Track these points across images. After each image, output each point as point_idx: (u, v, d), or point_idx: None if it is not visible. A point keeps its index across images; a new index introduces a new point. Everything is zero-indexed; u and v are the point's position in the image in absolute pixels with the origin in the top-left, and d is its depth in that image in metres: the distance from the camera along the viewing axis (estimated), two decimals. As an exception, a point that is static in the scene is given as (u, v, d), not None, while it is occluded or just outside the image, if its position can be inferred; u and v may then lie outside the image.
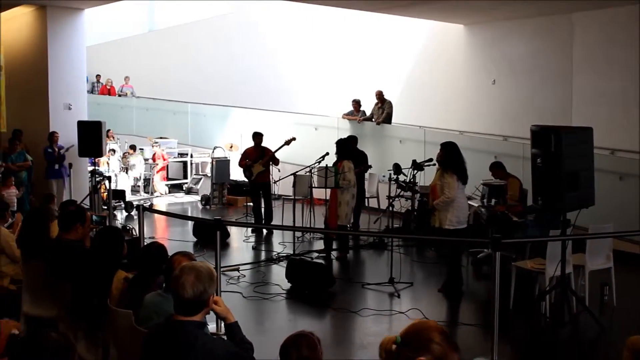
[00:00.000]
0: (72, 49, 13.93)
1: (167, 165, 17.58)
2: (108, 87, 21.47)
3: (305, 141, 15.05)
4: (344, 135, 12.53)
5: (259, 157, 12.31)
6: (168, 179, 17.63)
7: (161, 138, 18.49)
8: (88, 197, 11.72)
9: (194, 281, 3.33)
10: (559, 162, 6.53)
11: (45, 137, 13.38)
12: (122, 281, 4.85)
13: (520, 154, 11.63)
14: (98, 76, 21.48)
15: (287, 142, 12.44)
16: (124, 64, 23.35)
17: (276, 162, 12.44)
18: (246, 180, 13.04)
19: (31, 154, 13.47)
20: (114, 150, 16.32)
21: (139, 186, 16.73)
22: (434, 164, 9.66)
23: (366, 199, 12.83)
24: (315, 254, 10.22)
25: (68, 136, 13.27)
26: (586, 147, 6.87)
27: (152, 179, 16.93)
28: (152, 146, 17.43)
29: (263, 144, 12.53)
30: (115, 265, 5.01)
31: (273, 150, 12.35)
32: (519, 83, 14.80)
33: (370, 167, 12.33)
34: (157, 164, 17.09)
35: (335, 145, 10.31)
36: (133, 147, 16.96)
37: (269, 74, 20.19)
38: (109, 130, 16.69)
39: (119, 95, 21.23)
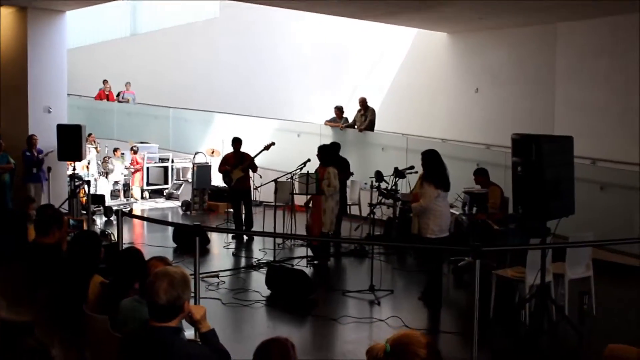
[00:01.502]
0: (52, 51, 13.85)
1: (148, 170, 17.49)
2: (106, 92, 20.90)
3: (288, 147, 15.04)
4: (327, 141, 12.53)
5: (238, 162, 12.31)
6: (148, 184, 17.54)
7: (142, 143, 18.41)
8: (67, 201, 11.64)
9: (167, 287, 3.31)
10: (540, 171, 6.57)
11: (24, 140, 13.26)
12: (98, 286, 4.81)
13: (502, 162, 11.69)
14: (105, 81, 20.89)
15: (267, 147, 12.44)
16: (105, 67, 23.24)
17: (254, 168, 12.43)
18: (225, 185, 13.03)
19: (13, 158, 13.30)
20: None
21: (118, 190, 16.63)
22: (416, 172, 9.70)
23: (348, 206, 12.85)
24: (297, 261, 10.22)
25: (47, 139, 13.16)
26: (567, 156, 6.93)
27: (129, 183, 16.85)
28: (132, 151, 17.31)
29: (243, 150, 12.53)
30: (92, 270, 4.97)
31: (252, 156, 12.34)
32: (501, 92, 14.92)
33: (352, 174, 12.36)
34: (134, 169, 16.99)
35: (317, 151, 10.33)
36: (115, 150, 16.86)
37: (252, 80, 20.18)
38: (90, 134, 16.61)
39: (119, 102, 20.75)
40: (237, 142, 12.53)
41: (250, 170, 12.43)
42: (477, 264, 5.61)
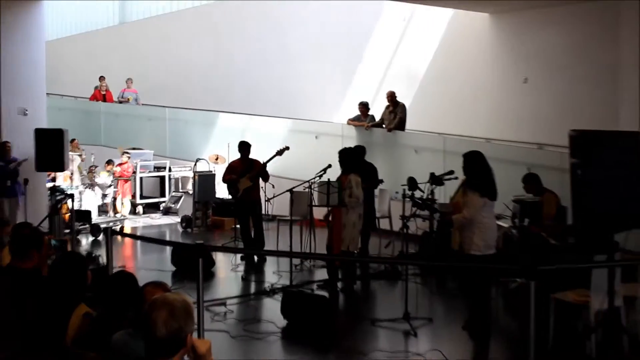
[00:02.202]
0: (29, 44, 13.95)
1: (142, 180, 17.55)
2: (103, 92, 20.98)
3: (304, 151, 15.05)
4: (350, 144, 12.51)
5: (246, 170, 12.28)
6: (142, 196, 17.61)
7: (134, 149, 18.50)
8: (47, 218, 11.68)
9: (167, 317, 3.27)
10: (604, 174, 6.48)
11: None
12: (81, 317, 4.79)
13: (557, 164, 11.60)
14: (102, 78, 21.08)
15: (279, 153, 12.41)
16: (90, 61, 23.45)
17: (266, 177, 12.42)
18: (231, 197, 13.03)
19: None
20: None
21: (107, 205, 16.70)
22: (456, 177, 9.63)
23: (376, 220, 12.78)
24: (316, 285, 10.17)
25: (23, 147, 13.23)
26: (635, 156, 6.83)
27: (117, 196, 16.90)
28: (122, 157, 17.35)
29: (251, 156, 12.51)
30: (77, 299, 4.95)
31: (263, 162, 12.32)
32: (555, 81, 14.79)
33: (380, 181, 12.29)
34: (122, 179, 16.97)
35: (338, 156, 10.29)
36: (109, 162, 16.94)
37: (261, 73, 20.23)
38: (73, 140, 16.69)
39: (120, 102, 20.84)
40: (244, 146, 12.53)
41: (260, 180, 12.41)
42: (531, 286, 5.54)
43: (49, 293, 5.08)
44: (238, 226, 12.75)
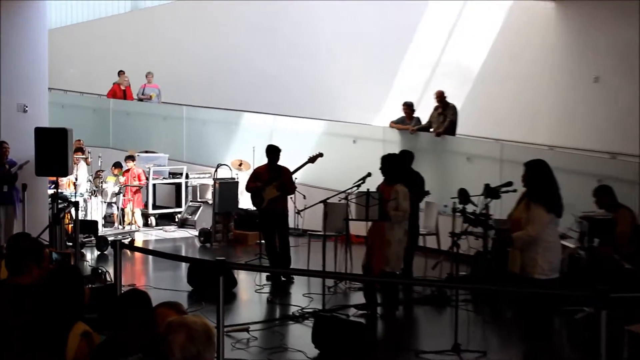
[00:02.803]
0: (30, 35, 13.99)
1: (155, 188, 17.63)
2: (123, 88, 20.97)
3: (340, 158, 15.05)
4: (393, 149, 12.46)
5: (272, 178, 12.23)
6: (155, 206, 17.68)
7: (147, 152, 18.59)
8: (48, 229, 11.75)
9: (185, 342, 3.28)
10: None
11: None
12: (79, 338, 4.79)
13: (633, 176, 11.48)
14: (121, 72, 21.07)
15: (312, 160, 12.37)
16: (97, 52, 23.58)
17: (290, 189, 12.34)
18: (255, 208, 13.01)
19: None
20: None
21: (114, 215, 16.69)
22: (514, 190, 9.54)
23: (421, 237, 12.72)
24: (353, 310, 10.13)
25: (22, 148, 13.29)
26: None
27: (126, 205, 16.90)
28: (127, 161, 17.31)
29: (280, 162, 12.47)
30: (73, 316, 4.96)
31: (292, 170, 12.28)
32: (630, 81, 14.63)
33: (427, 193, 12.23)
34: (134, 185, 16.99)
35: (382, 163, 10.23)
36: (117, 165, 16.99)
37: (292, 69, 20.28)
38: (77, 141, 16.81)
39: (140, 100, 20.82)
40: (273, 151, 12.46)
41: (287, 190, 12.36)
42: (602, 317, 5.47)
43: (42, 310, 5.10)
44: (263, 241, 12.73)
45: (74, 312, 5.03)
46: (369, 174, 10.86)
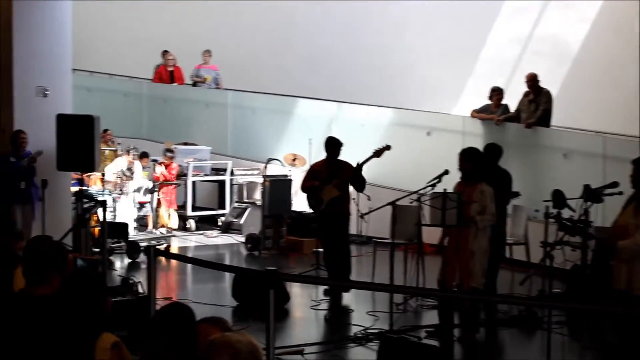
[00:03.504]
0: (51, 7, 14.06)
1: (194, 186, 17.68)
2: (169, 69, 20.66)
3: (411, 152, 14.97)
4: (474, 143, 12.33)
5: (332, 175, 12.18)
6: (195, 207, 17.74)
7: (186, 144, 18.66)
8: (71, 232, 11.85)
9: (229, 363, 3.25)
10: None
11: (6, 139, 13.39)
12: (110, 351, 4.80)
13: None
14: (166, 52, 20.87)
15: (377, 153, 12.25)
16: (129, 29, 23.68)
17: (361, 184, 12.26)
18: (311, 211, 12.97)
19: None
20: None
21: (146, 217, 16.71)
22: (620, 193, 9.40)
23: (507, 247, 12.58)
24: (425, 332, 10.08)
25: (42, 138, 13.34)
26: None
27: (160, 205, 16.95)
28: (165, 155, 17.24)
29: (341, 157, 12.40)
30: (96, 328, 4.96)
31: (355, 165, 12.19)
32: None
33: (515, 195, 12.09)
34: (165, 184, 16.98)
35: (460, 157, 10.13)
36: (144, 155, 16.95)
37: (353, 50, 20.26)
38: (106, 131, 16.91)
39: (194, 84, 20.68)
40: (333, 144, 12.38)
41: (351, 188, 12.30)
42: None
43: (63, 324, 5.12)
44: (321, 249, 12.70)
45: (97, 323, 5.03)
46: (446, 172, 10.72)
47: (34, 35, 13.88)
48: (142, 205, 16.61)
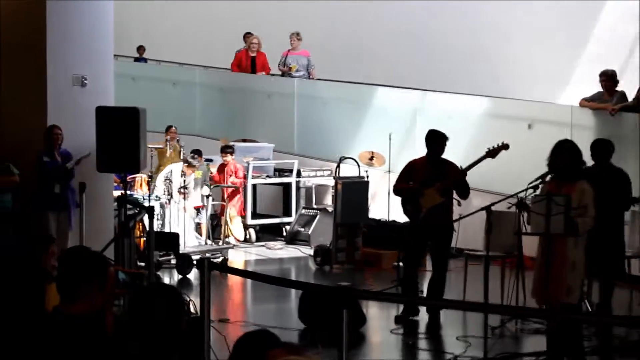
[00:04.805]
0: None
1: (255, 190, 17.76)
2: (252, 54, 20.43)
3: (509, 149, 14.90)
4: (584, 137, 12.28)
5: (434, 177, 12.02)
6: (255, 215, 17.78)
7: (244, 141, 18.74)
8: (113, 243, 11.97)
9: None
10: None
11: (39, 136, 13.46)
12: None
13: None
14: (248, 35, 20.75)
15: (492, 153, 11.92)
16: (180, 10, 23.88)
17: (465, 190, 12.06)
18: (407, 219, 12.81)
19: (17, 166, 13.44)
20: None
21: (200, 225, 16.73)
22: None
23: (626, 261, 12.48)
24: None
25: (80, 134, 13.54)
26: None
27: (224, 213, 17.02)
28: (223, 154, 17.36)
29: (445, 155, 12.22)
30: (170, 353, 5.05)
31: (462, 168, 12.05)
32: None
33: (635, 200, 11.98)
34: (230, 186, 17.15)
35: (551, 152, 10.08)
36: (196, 153, 16.94)
37: (442, 28, 20.22)
38: (169, 128, 17.05)
39: (282, 74, 20.55)
40: (437, 138, 12.09)
41: (455, 195, 12.13)
42: None
43: (120, 354, 5.19)
44: (401, 264, 12.68)
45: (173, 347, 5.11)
46: (550, 172, 10.69)
47: (69, 16, 14.01)
48: (197, 211, 16.67)
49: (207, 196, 16.43)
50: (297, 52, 20.29)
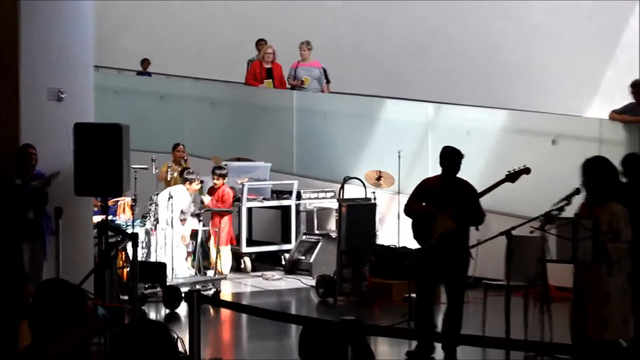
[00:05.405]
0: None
1: (250, 214, 17.73)
2: (267, 65, 20.23)
3: (532, 167, 14.83)
4: (615, 152, 12.22)
5: (447, 199, 11.96)
6: (251, 241, 17.76)
7: (238, 160, 18.72)
8: (92, 275, 11.92)
9: None
10: None
11: (11, 157, 13.35)
12: None
13: None
14: (261, 42, 20.67)
15: (512, 177, 11.87)
16: (165, 18, 23.91)
17: (478, 217, 12.02)
18: (418, 245, 12.76)
19: None
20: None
21: (187, 254, 16.64)
22: None
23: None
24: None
25: (56, 153, 13.47)
26: None
27: (211, 241, 16.95)
28: (215, 177, 17.25)
29: (460, 174, 12.16)
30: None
31: (480, 191, 12.01)
32: None
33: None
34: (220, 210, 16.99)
35: (583, 170, 10.01)
36: (188, 175, 16.81)
37: (457, 34, 20.25)
38: (177, 145, 17.06)
39: (292, 87, 20.30)
40: (451, 156, 11.99)
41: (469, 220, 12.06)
42: None
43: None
44: (413, 295, 12.62)
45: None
46: (578, 191, 10.61)
47: (47, 26, 13.98)
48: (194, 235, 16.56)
49: (199, 219, 16.29)
50: (308, 63, 20.19)
